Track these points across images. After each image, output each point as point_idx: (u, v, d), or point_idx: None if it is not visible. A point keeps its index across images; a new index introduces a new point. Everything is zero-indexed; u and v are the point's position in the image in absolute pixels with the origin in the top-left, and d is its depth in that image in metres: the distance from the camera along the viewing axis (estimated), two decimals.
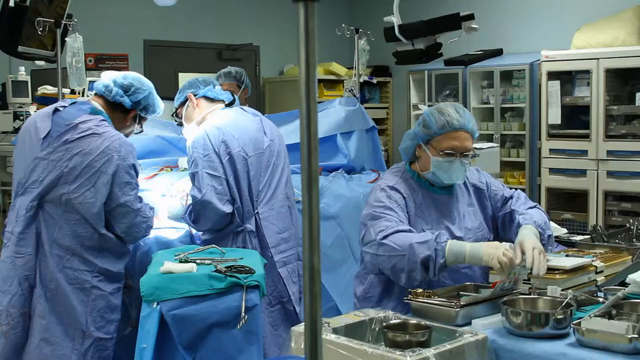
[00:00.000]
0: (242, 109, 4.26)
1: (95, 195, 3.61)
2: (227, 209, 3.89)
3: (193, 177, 3.93)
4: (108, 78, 3.84)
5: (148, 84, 3.92)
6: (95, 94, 3.87)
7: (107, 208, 3.67)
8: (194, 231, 4.15)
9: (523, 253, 3.10)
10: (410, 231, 3.27)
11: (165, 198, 4.33)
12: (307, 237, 1.49)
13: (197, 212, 3.91)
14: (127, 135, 3.89)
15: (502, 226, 3.59)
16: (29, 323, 3.65)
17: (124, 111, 3.87)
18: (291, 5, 1.46)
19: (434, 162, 3.39)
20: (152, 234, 4.03)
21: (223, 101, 4.24)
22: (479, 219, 3.56)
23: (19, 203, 3.68)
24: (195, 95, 4.18)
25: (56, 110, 3.74)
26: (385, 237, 3.23)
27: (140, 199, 3.78)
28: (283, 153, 4.22)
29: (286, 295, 4.04)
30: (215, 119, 4.09)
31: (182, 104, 4.23)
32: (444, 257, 3.11)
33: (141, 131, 4.10)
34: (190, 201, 4.13)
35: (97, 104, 3.81)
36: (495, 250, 3.07)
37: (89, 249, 3.64)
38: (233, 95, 4.27)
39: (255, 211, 4.00)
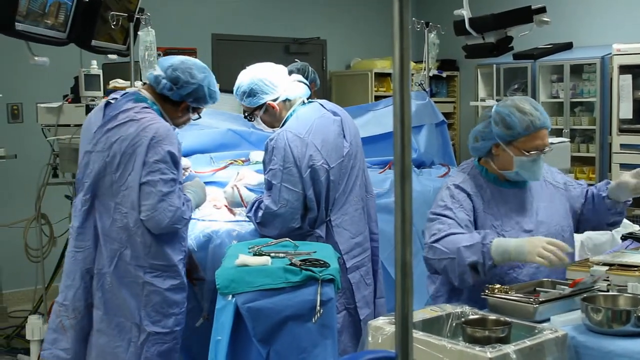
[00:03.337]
0: (321, 105, 4.08)
1: (136, 178, 3.51)
2: (297, 224, 3.84)
3: (270, 185, 3.85)
4: (160, 67, 3.70)
5: (199, 76, 3.69)
6: (147, 83, 3.79)
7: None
8: None
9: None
10: (462, 233, 3.24)
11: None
12: (400, 231, 1.48)
13: (266, 219, 3.85)
14: (180, 125, 3.83)
15: (593, 212, 3.58)
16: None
17: (174, 104, 3.73)
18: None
19: (518, 162, 3.34)
20: (224, 226, 4.05)
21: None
22: (553, 214, 3.50)
23: (77, 199, 3.71)
24: (275, 100, 3.99)
25: (108, 103, 3.71)
26: (436, 240, 3.24)
27: (171, 186, 3.52)
28: (359, 153, 4.10)
29: (352, 303, 3.98)
30: (297, 123, 3.93)
31: (260, 107, 4.01)
32: (491, 259, 3.10)
33: (199, 117, 3.92)
34: (240, 189, 4.13)
35: (146, 93, 3.72)
36: (534, 248, 3.04)
37: (139, 244, 3.54)
38: (309, 88, 4.12)
39: (328, 218, 3.94)
